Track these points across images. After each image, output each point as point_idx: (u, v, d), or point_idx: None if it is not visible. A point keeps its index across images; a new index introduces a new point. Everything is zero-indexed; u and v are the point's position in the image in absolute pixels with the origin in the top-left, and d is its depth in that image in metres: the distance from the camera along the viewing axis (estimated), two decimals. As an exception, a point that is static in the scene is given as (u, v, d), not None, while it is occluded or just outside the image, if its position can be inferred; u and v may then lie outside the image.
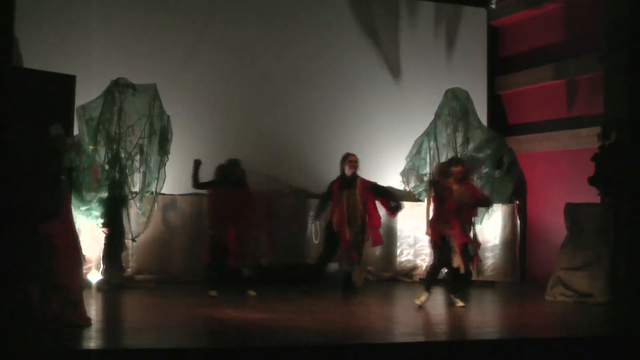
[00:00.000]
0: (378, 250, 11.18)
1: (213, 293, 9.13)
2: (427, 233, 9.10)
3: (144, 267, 10.27)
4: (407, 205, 10.76)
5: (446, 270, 9.18)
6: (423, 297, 8.80)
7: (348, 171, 9.62)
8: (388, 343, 6.83)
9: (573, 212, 9.69)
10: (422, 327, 7.83)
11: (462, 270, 8.77)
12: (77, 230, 7.69)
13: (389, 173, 11.44)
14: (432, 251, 9.37)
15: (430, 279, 8.98)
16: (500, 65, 12.61)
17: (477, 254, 9.14)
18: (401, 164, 11.41)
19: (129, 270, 10.10)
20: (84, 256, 8.23)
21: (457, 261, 8.71)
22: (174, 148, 10.08)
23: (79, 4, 10.55)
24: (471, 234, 9.17)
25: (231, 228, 9.17)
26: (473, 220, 9.32)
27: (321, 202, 9.82)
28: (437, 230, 8.81)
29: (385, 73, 11.94)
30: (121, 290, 9.52)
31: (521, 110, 12.33)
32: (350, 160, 9.64)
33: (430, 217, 9.01)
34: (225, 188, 9.29)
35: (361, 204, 9.51)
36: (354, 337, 7.02)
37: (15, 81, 9.06)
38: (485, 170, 11.08)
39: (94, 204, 9.75)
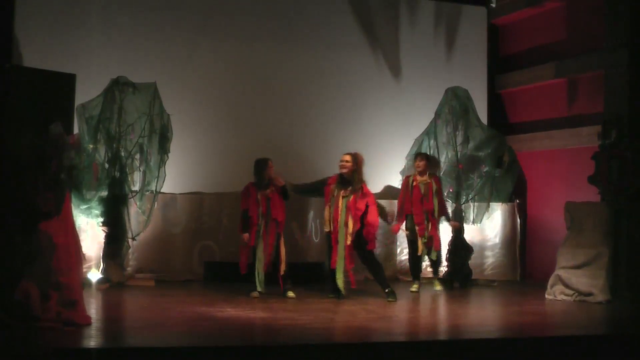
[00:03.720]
0: (378, 250, 11.17)
1: (255, 294, 9.06)
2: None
3: (144, 266, 10.28)
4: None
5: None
6: (415, 285, 9.97)
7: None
8: (388, 342, 6.83)
9: (573, 210, 9.69)
10: (422, 326, 7.83)
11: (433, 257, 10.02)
12: (77, 229, 7.69)
13: (389, 172, 11.44)
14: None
15: (413, 268, 10.14)
16: (501, 63, 12.61)
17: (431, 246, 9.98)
18: (401, 163, 11.41)
19: (129, 269, 10.10)
20: (84, 255, 8.24)
21: (420, 249, 9.93)
22: (174, 147, 10.08)
23: (78, 3, 10.54)
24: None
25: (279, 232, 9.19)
26: (435, 210, 9.92)
27: None
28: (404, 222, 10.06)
29: (385, 72, 11.94)
30: (121, 289, 9.53)
31: (521, 109, 12.32)
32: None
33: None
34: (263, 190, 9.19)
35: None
36: (354, 337, 7.02)
37: (15, 80, 9.08)
38: (485, 169, 11.08)
39: (94, 203, 9.75)
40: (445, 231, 10.66)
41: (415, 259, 10.13)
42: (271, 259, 9.13)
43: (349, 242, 8.91)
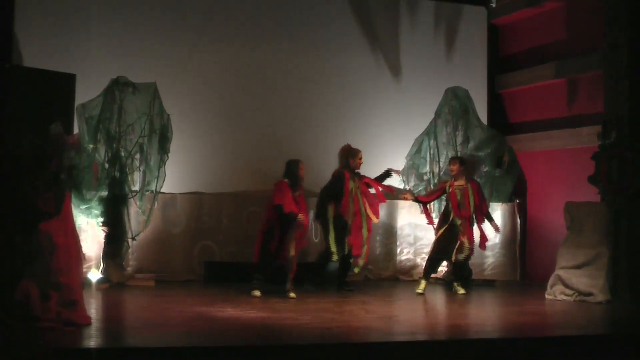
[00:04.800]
0: (378, 249, 11.20)
1: (257, 293, 9.09)
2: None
3: (143, 266, 10.28)
4: (407, 203, 10.83)
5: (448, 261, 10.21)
6: (422, 285, 9.78)
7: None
8: (388, 342, 6.83)
9: (573, 210, 9.69)
10: (422, 326, 7.83)
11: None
12: (77, 229, 7.69)
13: (389, 172, 11.44)
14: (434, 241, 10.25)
15: (429, 268, 10.02)
16: (501, 63, 12.61)
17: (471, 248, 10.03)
18: (401, 162, 11.41)
19: (129, 269, 10.10)
20: (84, 255, 8.25)
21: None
22: (174, 147, 10.09)
23: (78, 3, 10.54)
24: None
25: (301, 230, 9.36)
26: (471, 215, 9.96)
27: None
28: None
29: (385, 72, 11.93)
30: (121, 289, 9.53)
31: (521, 109, 12.32)
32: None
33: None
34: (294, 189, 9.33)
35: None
36: (354, 337, 7.02)
37: (15, 80, 9.08)
38: (485, 169, 11.08)
39: (94, 203, 9.75)
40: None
41: (434, 259, 10.05)
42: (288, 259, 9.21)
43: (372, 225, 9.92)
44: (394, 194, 10.43)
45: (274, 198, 9.19)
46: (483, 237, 10.13)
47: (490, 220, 10.17)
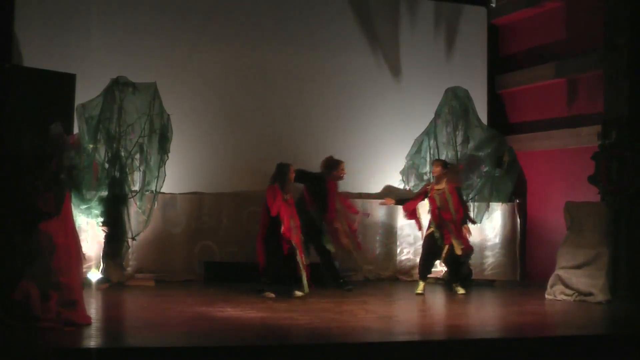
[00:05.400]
0: (378, 249, 11.20)
1: (271, 295, 9.07)
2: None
3: (144, 266, 10.28)
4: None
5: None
6: (421, 286, 9.82)
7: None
8: (388, 342, 6.83)
9: (573, 210, 9.69)
10: (421, 326, 7.83)
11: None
12: (77, 229, 7.70)
13: (389, 172, 11.44)
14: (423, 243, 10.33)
15: (423, 269, 10.03)
16: (501, 63, 12.60)
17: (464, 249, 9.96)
18: (401, 162, 11.41)
19: (129, 269, 10.10)
20: (83, 255, 8.25)
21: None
22: (174, 147, 10.08)
23: (78, 3, 10.54)
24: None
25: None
26: (454, 218, 9.85)
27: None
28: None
29: (385, 72, 11.93)
30: (121, 289, 9.53)
31: (521, 109, 12.32)
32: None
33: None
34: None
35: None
36: (354, 337, 7.02)
37: (15, 80, 9.09)
38: (485, 169, 11.08)
39: (94, 203, 9.75)
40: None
41: (426, 260, 10.06)
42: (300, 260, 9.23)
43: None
44: (358, 215, 10.52)
45: (268, 207, 9.17)
46: (465, 241, 10.08)
47: (464, 223, 10.02)
